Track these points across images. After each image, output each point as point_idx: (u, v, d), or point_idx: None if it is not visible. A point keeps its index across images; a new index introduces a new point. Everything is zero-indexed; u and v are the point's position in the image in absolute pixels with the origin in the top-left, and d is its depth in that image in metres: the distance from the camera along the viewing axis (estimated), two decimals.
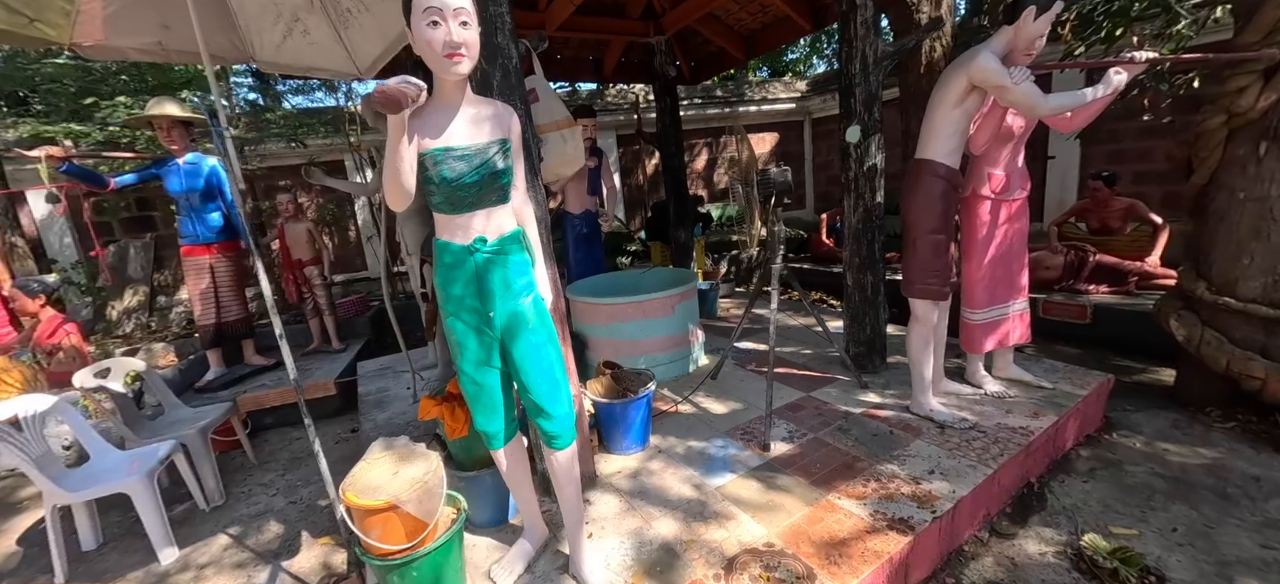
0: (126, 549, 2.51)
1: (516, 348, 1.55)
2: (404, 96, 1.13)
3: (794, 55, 12.81)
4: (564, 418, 1.61)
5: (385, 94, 1.12)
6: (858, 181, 2.92)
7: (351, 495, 1.47)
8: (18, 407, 2.28)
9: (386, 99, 1.13)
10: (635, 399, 2.34)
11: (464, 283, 1.50)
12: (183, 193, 3.70)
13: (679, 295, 3.23)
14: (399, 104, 1.17)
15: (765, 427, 2.42)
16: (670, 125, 4.56)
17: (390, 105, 1.16)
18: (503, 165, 1.47)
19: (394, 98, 1.14)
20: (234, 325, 3.99)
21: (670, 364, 3.24)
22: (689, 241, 4.78)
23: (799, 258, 6.62)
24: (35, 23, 1.60)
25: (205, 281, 3.83)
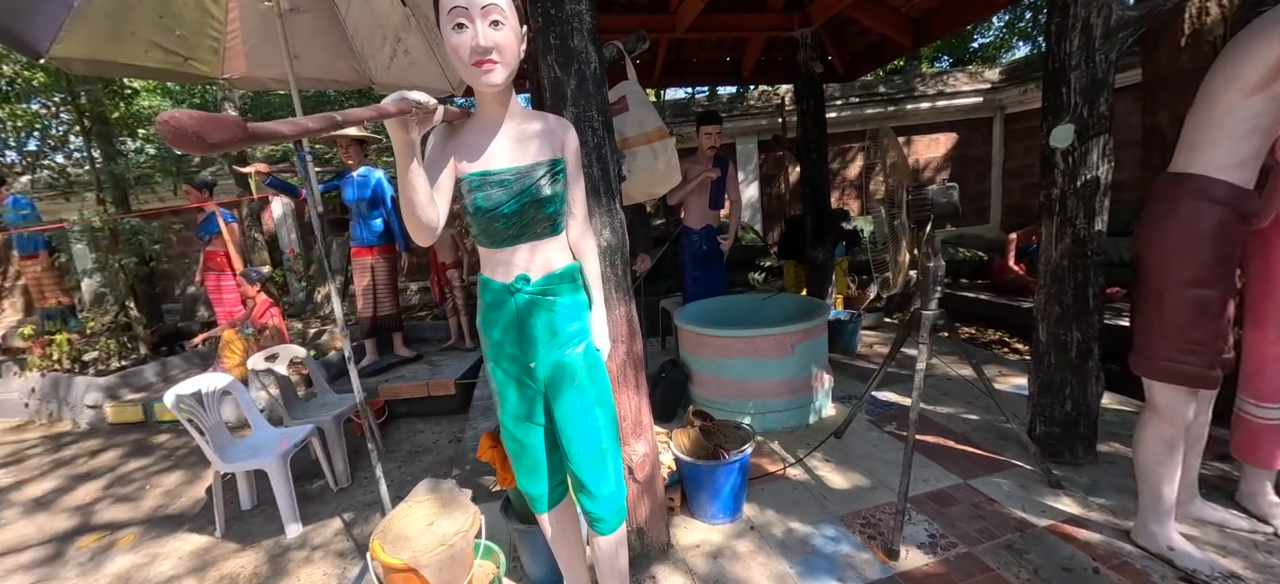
0: (269, 516, 2.84)
1: (560, 406, 1.30)
2: (403, 111, 0.94)
3: (983, 39, 10.76)
4: (609, 498, 1.32)
5: (383, 110, 0.93)
6: (1066, 201, 2.14)
7: (378, 546, 1.36)
8: (201, 383, 2.70)
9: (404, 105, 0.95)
10: (726, 464, 1.95)
11: (504, 327, 1.30)
12: (354, 201, 4.22)
13: (801, 332, 2.73)
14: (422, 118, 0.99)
15: (896, 521, 1.85)
16: (813, 129, 3.99)
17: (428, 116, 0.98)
18: (550, 191, 1.23)
19: (401, 112, 0.94)
20: (387, 319, 4.45)
21: (784, 413, 2.76)
22: (828, 263, 4.15)
23: (974, 284, 5.44)
24: (189, 61, 1.80)
25: (367, 279, 4.33)
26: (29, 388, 4.59)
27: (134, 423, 4.26)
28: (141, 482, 3.38)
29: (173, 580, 2.40)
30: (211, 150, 0.54)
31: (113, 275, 5.16)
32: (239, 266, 4.86)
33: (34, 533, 2.89)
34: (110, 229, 5.02)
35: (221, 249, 4.83)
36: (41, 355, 4.63)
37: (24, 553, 2.70)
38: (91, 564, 2.56)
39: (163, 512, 2.99)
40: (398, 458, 3.44)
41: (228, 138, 0.53)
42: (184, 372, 4.99)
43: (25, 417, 4.63)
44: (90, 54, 1.52)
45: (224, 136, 0.53)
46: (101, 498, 3.20)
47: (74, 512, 3.07)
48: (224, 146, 0.54)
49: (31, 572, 2.54)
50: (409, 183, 1.05)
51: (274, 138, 0.62)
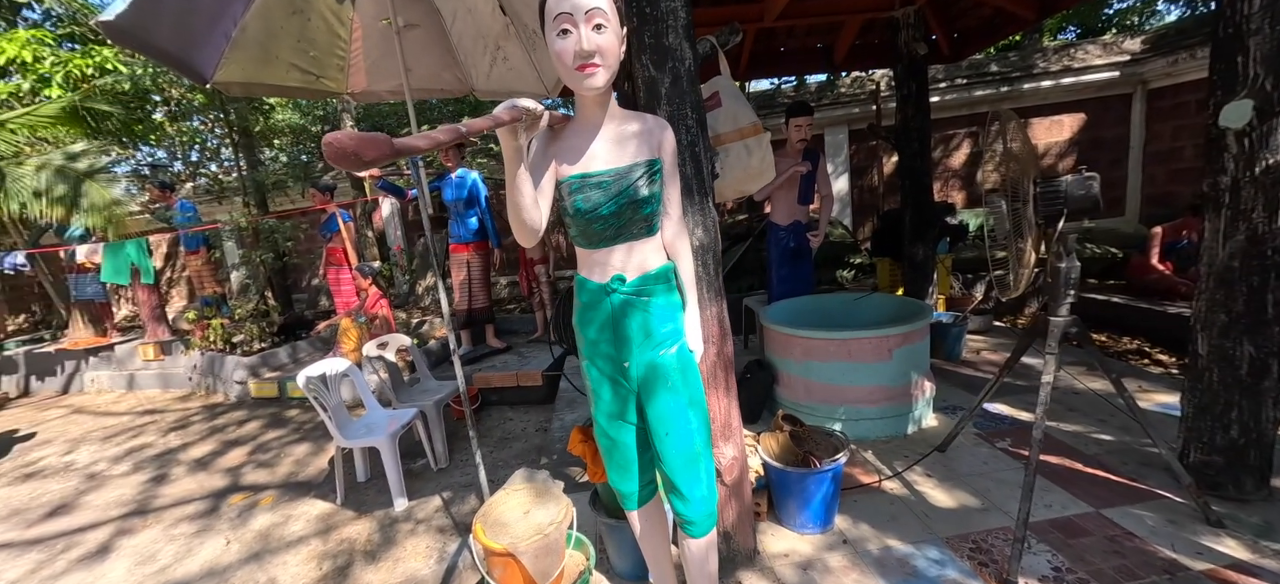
0: (381, 488, 3.12)
1: (653, 407, 1.30)
2: (515, 118, 0.97)
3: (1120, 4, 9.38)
4: (702, 501, 1.30)
5: (497, 118, 0.97)
6: (1239, 191, 1.82)
7: (480, 529, 1.44)
8: (326, 366, 3.01)
9: (516, 118, 0.98)
10: (818, 472, 1.87)
11: (599, 326, 1.32)
12: (453, 201, 4.52)
13: (901, 336, 2.55)
14: (532, 122, 1.02)
15: (1014, 550, 1.68)
16: (915, 115, 3.70)
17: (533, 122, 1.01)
18: (647, 192, 1.23)
19: (510, 120, 0.98)
20: (481, 312, 4.73)
21: (879, 421, 2.59)
22: (929, 261, 3.84)
23: (1105, 285, 4.81)
24: (321, 79, 2.00)
25: (463, 274, 4.62)
26: (192, 364, 5.37)
27: (271, 398, 4.86)
28: (277, 450, 3.83)
29: (303, 539, 2.71)
30: (366, 167, 0.59)
31: (254, 268, 5.91)
32: (354, 261, 5.38)
33: (195, 489, 3.37)
34: (253, 228, 5.75)
35: (340, 246, 5.36)
36: (201, 337, 5.40)
37: (189, 505, 3.16)
38: (239, 520, 2.95)
39: (294, 478, 3.38)
40: (490, 443, 3.65)
41: (379, 155, 0.58)
42: (310, 355, 5.62)
43: (189, 388, 5.42)
44: (244, 77, 1.74)
45: (377, 154, 0.57)
46: (246, 462, 3.68)
47: (226, 473, 3.54)
48: (377, 162, 0.59)
49: (195, 522, 2.97)
50: (517, 187, 1.09)
51: (413, 151, 0.67)
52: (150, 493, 3.35)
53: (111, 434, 4.45)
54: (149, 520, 3.02)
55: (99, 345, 6.00)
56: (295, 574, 2.45)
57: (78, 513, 3.17)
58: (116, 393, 5.66)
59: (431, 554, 2.50)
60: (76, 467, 3.86)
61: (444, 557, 2.47)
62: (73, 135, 6.03)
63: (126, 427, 4.59)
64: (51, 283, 6.45)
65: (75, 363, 5.89)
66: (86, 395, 5.71)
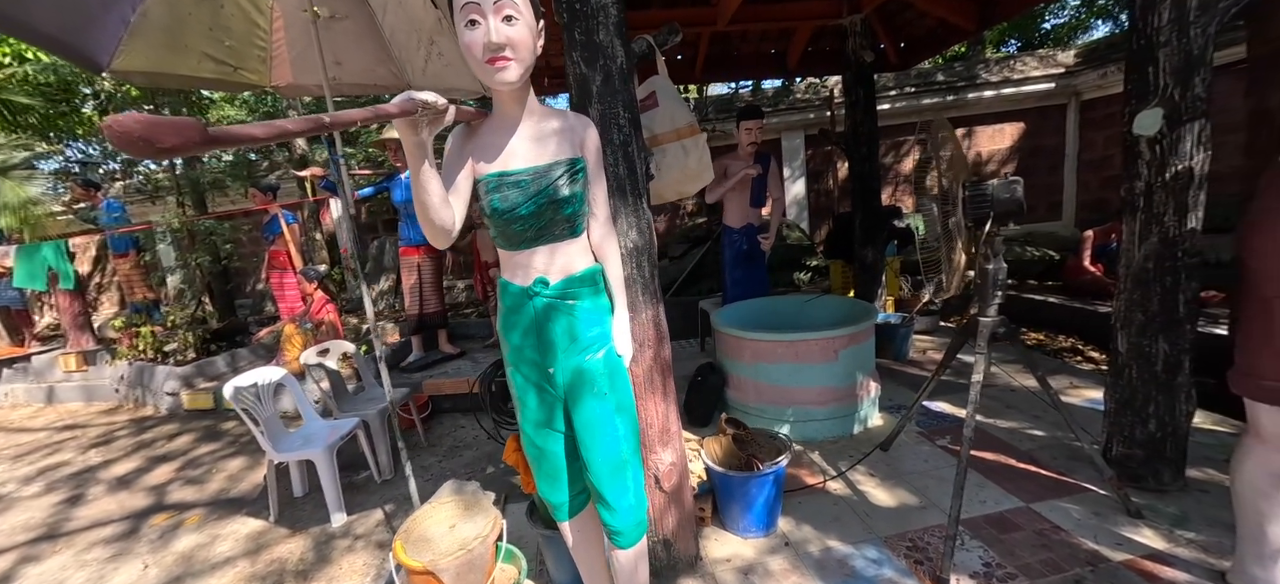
0: (319, 504, 2.96)
1: (578, 413, 1.26)
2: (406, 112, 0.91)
3: (1056, 20, 9.91)
4: (629, 511, 1.26)
5: (394, 109, 0.91)
6: (1152, 196, 1.91)
7: (400, 547, 1.36)
8: (258, 376, 2.84)
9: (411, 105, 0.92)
10: (760, 475, 1.86)
11: (523, 331, 1.27)
12: (403, 202, 4.36)
13: (847, 337, 2.58)
14: (427, 121, 0.96)
15: (946, 547, 1.70)
16: (863, 121, 3.78)
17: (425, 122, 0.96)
18: (568, 191, 1.19)
19: (407, 111, 0.92)
20: (433, 316, 4.58)
21: (827, 422, 2.62)
22: (878, 263, 3.92)
23: (1044, 286, 5.03)
24: (239, 71, 1.88)
25: (414, 277, 4.46)
26: (119, 375, 5.02)
27: (206, 410, 4.58)
28: (209, 465, 3.61)
29: (229, 561, 2.54)
30: (163, 155, 0.52)
31: (191, 273, 5.57)
32: (299, 265, 5.14)
33: (115, 509, 3.13)
34: (188, 230, 5.43)
35: (284, 248, 5.11)
36: (129, 346, 5.06)
37: (106, 527, 2.94)
38: (161, 542, 2.75)
39: (225, 495, 3.18)
40: (439, 452, 3.53)
41: (180, 142, 0.51)
42: (251, 363, 5.33)
43: (116, 401, 5.07)
44: (148, 66, 1.62)
45: (176, 141, 0.50)
46: (173, 479, 3.45)
47: (150, 491, 3.31)
48: (178, 151, 0.52)
49: (110, 545, 2.76)
50: (421, 185, 1.03)
51: (242, 141, 0.60)
52: (63, 515, 3.10)
53: (24, 452, 4.11)
54: (59, 545, 2.79)
55: (15, 356, 5.55)
56: None
57: None
58: (34, 407, 5.25)
59: (368, 571, 2.38)
60: None
61: (382, 573, 2.35)
62: None
63: (41, 444, 4.25)
64: None
65: None
66: None
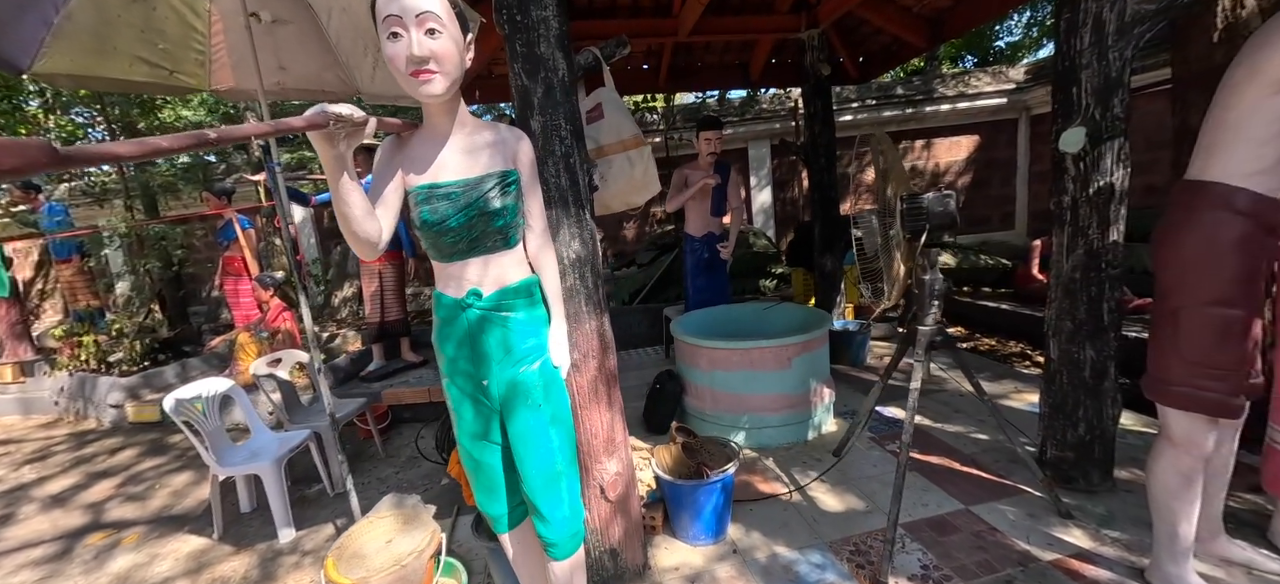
0: (267, 519, 2.87)
1: (513, 424, 1.25)
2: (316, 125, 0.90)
3: (1009, 38, 10.36)
4: (563, 522, 1.27)
5: (310, 122, 0.90)
6: (1078, 210, 2.01)
7: (331, 565, 1.33)
8: (202, 388, 2.75)
9: (313, 126, 0.91)
10: (707, 483, 1.88)
11: (457, 343, 1.26)
12: None
13: (799, 345, 2.63)
14: (331, 134, 0.95)
15: (885, 550, 1.75)
16: (822, 132, 3.88)
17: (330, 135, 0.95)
18: (499, 203, 1.19)
19: (318, 124, 0.91)
20: (393, 324, 4.49)
21: (782, 429, 2.66)
22: (837, 270, 4.02)
23: (997, 293, 5.22)
24: (175, 74, 1.83)
25: (375, 285, 4.37)
26: (59, 387, 4.78)
27: (152, 423, 4.39)
28: (152, 481, 3.47)
29: (168, 581, 2.44)
30: (4, 177, 0.51)
31: (140, 279, 5.35)
32: (255, 271, 4.99)
33: (47, 528, 2.98)
34: (137, 235, 5.21)
35: (238, 254, 4.96)
36: (70, 356, 4.83)
37: (36, 549, 2.79)
38: (95, 562, 2.63)
39: (168, 512, 3.06)
40: (397, 463, 3.46)
41: (23, 163, 0.49)
42: (202, 373, 5.14)
43: (55, 414, 4.83)
44: (74, 69, 1.56)
45: (17, 163, 0.49)
46: (113, 496, 3.30)
47: (87, 509, 3.16)
48: (21, 173, 0.51)
49: (40, 567, 2.62)
50: (341, 197, 1.02)
51: (105, 159, 0.59)
52: None
53: None
54: None
55: None
56: None
57: None
58: None
59: None
60: None
61: None
62: None
63: None
64: None
65: None
66: None
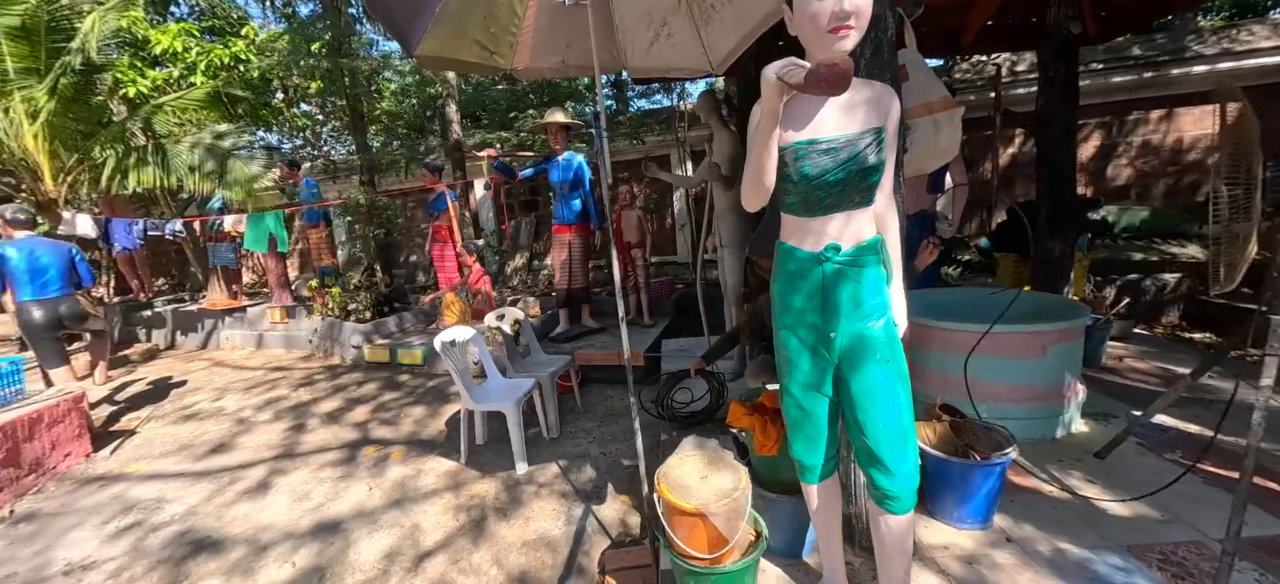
0: (498, 452, 3.28)
1: (858, 379, 1.28)
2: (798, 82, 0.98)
3: None
4: (908, 477, 1.28)
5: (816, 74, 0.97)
6: None
7: (666, 489, 1.48)
8: (456, 333, 3.19)
9: (834, 76, 0.98)
10: (986, 465, 1.79)
11: (807, 295, 1.31)
12: (558, 183, 4.65)
13: (1056, 333, 2.38)
14: (840, 81, 1.01)
15: (1222, 565, 1.53)
16: (1061, 99, 3.42)
17: (835, 83, 1.01)
18: (874, 160, 1.21)
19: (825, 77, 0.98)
20: (579, 292, 4.85)
21: (1026, 422, 2.44)
22: (1065, 257, 3.56)
23: None
24: (494, 55, 2.11)
25: (564, 254, 4.75)
26: (313, 329, 5.85)
27: (383, 363, 5.21)
28: (396, 410, 4.11)
29: (436, 492, 2.89)
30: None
31: (366, 243, 6.34)
32: (459, 240, 5.66)
33: (331, 439, 3.67)
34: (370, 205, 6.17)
35: (446, 223, 5.66)
36: (321, 304, 5.88)
37: (329, 453, 3.45)
38: (376, 469, 3.19)
39: (417, 437, 3.61)
40: (596, 416, 3.75)
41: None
42: (414, 325, 5.98)
43: (309, 350, 5.92)
44: (436, 51, 1.87)
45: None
46: (371, 419, 3.97)
47: (355, 427, 3.84)
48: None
49: (337, 468, 3.24)
50: (767, 150, 1.11)
51: None
52: (293, 440, 3.69)
53: (251, 386, 4.92)
54: (297, 463, 3.33)
55: (233, 307, 6.66)
56: (436, 522, 2.63)
57: (236, 452, 3.54)
58: (247, 350, 6.27)
59: (558, 516, 2.61)
60: (226, 412, 4.31)
61: (572, 520, 2.58)
62: (213, 118, 6.68)
63: (261, 380, 5.08)
64: (193, 250, 7.21)
65: (213, 321, 6.56)
66: (222, 351, 6.35)
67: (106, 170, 5.43)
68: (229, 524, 2.71)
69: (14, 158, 5.21)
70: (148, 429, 4.04)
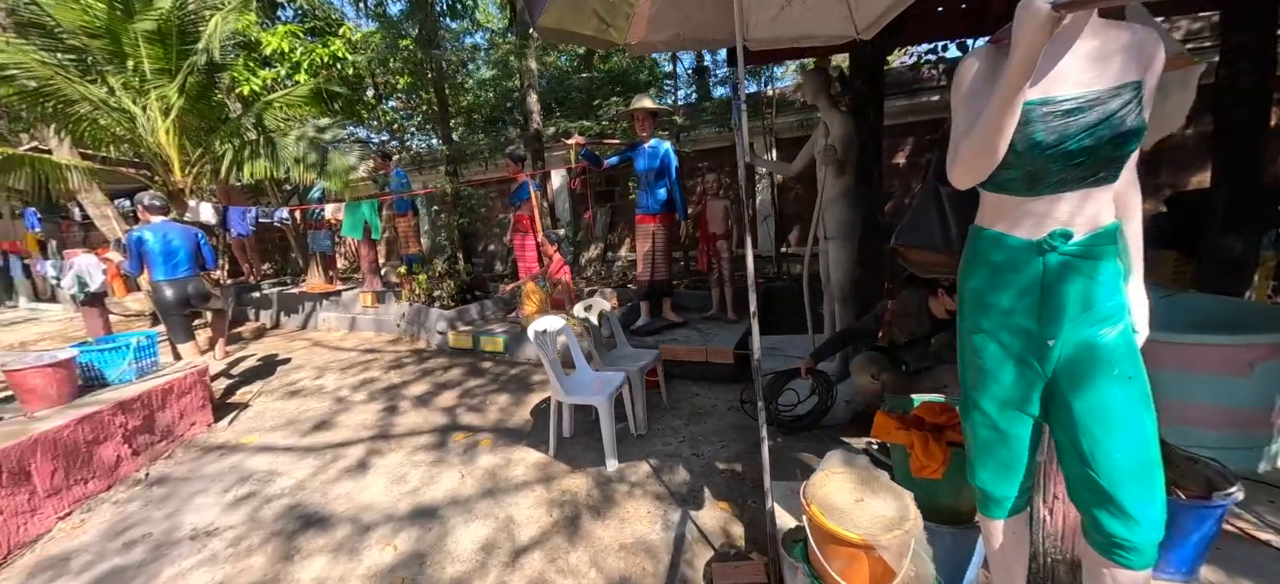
0: (586, 445, 3.19)
1: (1085, 398, 1.03)
2: None
3: None
4: (1154, 523, 1.01)
5: None
6: None
7: (818, 512, 1.29)
8: (547, 323, 3.13)
9: None
10: (1204, 506, 1.46)
11: (1019, 292, 1.07)
12: (643, 171, 4.51)
13: (1268, 348, 1.96)
14: None
15: None
16: (1251, 70, 2.87)
17: None
18: (1133, 123, 0.96)
19: None
20: (661, 284, 4.71)
21: (1223, 452, 2.02)
22: (1249, 256, 3.00)
23: None
24: (609, 29, 1.97)
25: (648, 244, 4.62)
26: (401, 313, 6.08)
27: (466, 349, 5.32)
28: (482, 397, 4.15)
29: (526, 484, 2.84)
30: None
31: (451, 232, 6.52)
32: (541, 229, 5.67)
33: (422, 423, 3.74)
34: (455, 194, 6.34)
35: (528, 213, 5.69)
36: (409, 290, 6.10)
37: (421, 437, 3.51)
38: (467, 456, 3.19)
39: (503, 425, 3.61)
40: (682, 414, 3.59)
41: None
42: (494, 314, 6.08)
43: (396, 334, 6.16)
44: (556, 23, 1.77)
45: None
46: (458, 405, 4.02)
47: (444, 411, 3.90)
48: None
49: (429, 452, 3.27)
50: (1013, 106, 0.89)
51: None
52: (387, 421, 3.79)
53: (346, 366, 5.16)
54: (392, 445, 3.40)
55: (329, 291, 7.07)
56: (529, 516, 2.56)
57: (336, 430, 3.68)
58: (341, 332, 6.63)
59: (655, 519, 2.47)
60: (326, 390, 4.52)
61: (669, 525, 2.43)
62: (314, 113, 7.10)
63: (355, 361, 5.32)
64: (295, 236, 7.73)
65: (312, 304, 6.99)
66: (320, 332, 6.75)
67: (225, 162, 5.88)
68: (333, 501, 2.78)
69: (150, 151, 5.75)
70: (258, 403, 4.31)
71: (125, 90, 5.52)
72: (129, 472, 3.09)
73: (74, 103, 5.24)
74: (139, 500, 2.89)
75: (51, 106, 5.21)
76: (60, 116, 5.33)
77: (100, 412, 2.93)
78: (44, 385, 2.94)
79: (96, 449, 2.90)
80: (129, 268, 3.93)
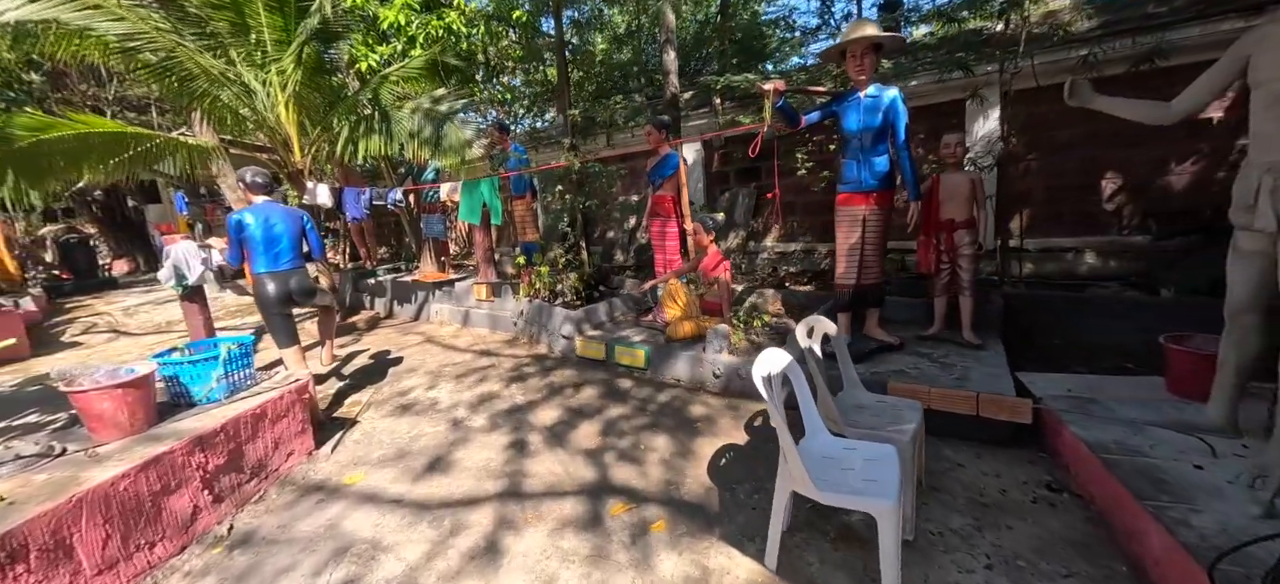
0: (820, 552, 2.01)
1: None
2: None
3: None
4: None
5: None
6: None
7: None
8: (770, 362, 1.96)
9: None
10: None
11: None
12: (857, 132, 3.19)
13: None
14: None
15: None
16: None
17: None
18: None
19: None
20: (871, 289, 3.38)
21: None
22: None
23: None
24: None
25: (855, 235, 3.30)
26: (518, 310, 5.25)
27: (597, 360, 4.33)
28: (632, 436, 3.11)
29: None
30: None
31: (573, 216, 5.61)
32: (687, 213, 4.54)
33: (561, 473, 2.76)
34: (581, 173, 5.39)
35: (671, 194, 4.57)
36: (527, 284, 5.26)
37: (563, 501, 2.52)
38: (636, 548, 2.14)
39: (675, 492, 2.52)
40: (957, 504, 2.28)
41: None
42: (624, 315, 5.07)
43: (513, 334, 5.35)
44: None
45: None
46: (604, 446, 3.01)
47: (587, 457, 2.90)
48: None
49: (580, 534, 2.27)
50: None
51: None
52: (516, 467, 2.85)
53: (462, 374, 4.39)
54: (527, 513, 2.44)
55: (442, 280, 6.47)
56: None
57: (454, 475, 2.80)
58: (454, 326, 5.98)
59: None
60: (441, 407, 3.73)
61: None
62: (429, 88, 6.49)
63: (471, 367, 4.53)
64: (408, 220, 7.26)
65: (425, 294, 6.43)
66: (432, 325, 6.16)
67: (341, 139, 5.37)
68: None
69: (270, 129, 5.39)
70: (367, 418, 3.60)
71: (247, 65, 5.16)
72: (209, 526, 2.38)
73: (195, 78, 4.90)
74: (214, 575, 2.14)
75: (174, 82, 4.90)
76: (185, 93, 5.03)
77: (172, 452, 2.22)
78: (113, 410, 2.27)
79: (166, 501, 2.18)
80: (229, 257, 3.31)
